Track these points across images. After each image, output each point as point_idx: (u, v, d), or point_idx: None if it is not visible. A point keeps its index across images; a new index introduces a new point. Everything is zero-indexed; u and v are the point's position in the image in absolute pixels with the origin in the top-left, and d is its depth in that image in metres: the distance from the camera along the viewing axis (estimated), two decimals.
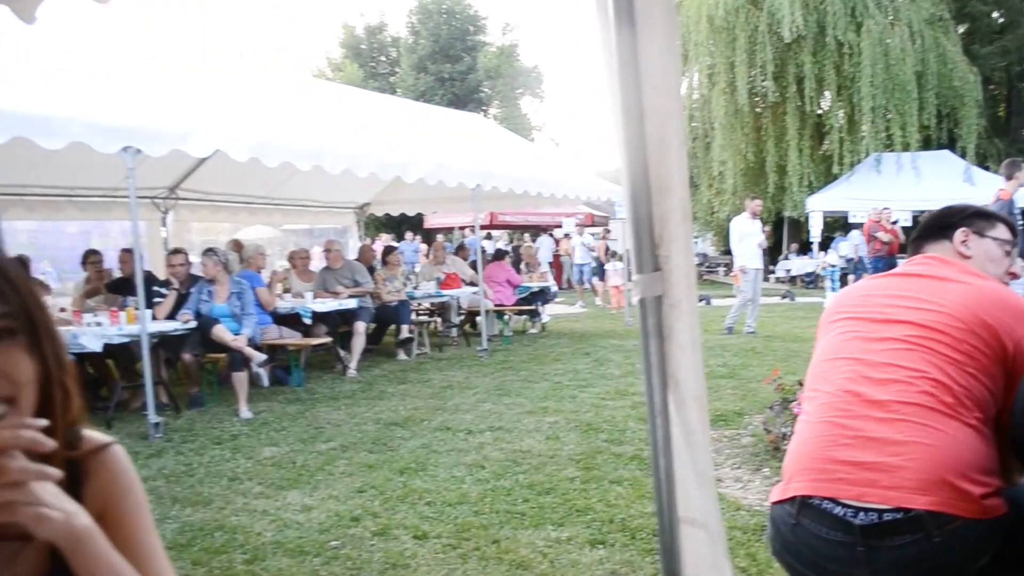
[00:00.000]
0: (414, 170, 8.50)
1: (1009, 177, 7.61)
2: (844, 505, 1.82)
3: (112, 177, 8.74)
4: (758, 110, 23.11)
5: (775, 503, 1.99)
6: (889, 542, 1.77)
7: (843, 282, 16.72)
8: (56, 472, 0.80)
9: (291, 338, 8.35)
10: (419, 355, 9.92)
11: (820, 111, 22.65)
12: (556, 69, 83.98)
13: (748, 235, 11.05)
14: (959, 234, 2.19)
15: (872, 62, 19.99)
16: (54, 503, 0.80)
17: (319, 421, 6.45)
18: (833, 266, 17.34)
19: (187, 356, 7.21)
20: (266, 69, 10.27)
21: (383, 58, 43.20)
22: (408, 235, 22.27)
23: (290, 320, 8.56)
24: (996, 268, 2.17)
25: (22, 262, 8.52)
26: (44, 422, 0.81)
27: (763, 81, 22.06)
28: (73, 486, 0.90)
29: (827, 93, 22.07)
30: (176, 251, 8.30)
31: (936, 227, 2.25)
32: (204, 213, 11.27)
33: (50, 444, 0.80)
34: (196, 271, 8.06)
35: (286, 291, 9.51)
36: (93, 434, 1.02)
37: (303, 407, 7.04)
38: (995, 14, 26.96)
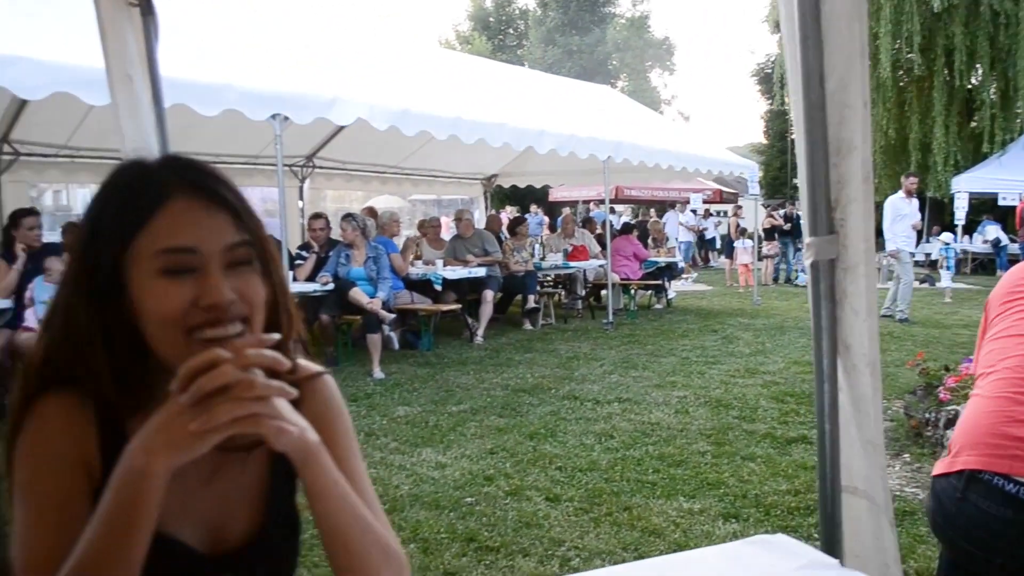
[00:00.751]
0: (547, 141, 8.53)
1: None
2: (1018, 482, 1.74)
3: (254, 145, 9.14)
4: (902, 84, 21.94)
5: (938, 476, 1.93)
6: None
7: (958, 268, 15.88)
8: (292, 390, 0.87)
9: (422, 303, 8.56)
10: (544, 325, 9.99)
11: (970, 85, 21.28)
12: (688, 41, 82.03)
13: (904, 216, 10.40)
14: None
15: None
16: (291, 418, 0.87)
17: (449, 384, 6.61)
18: (947, 244, 16.40)
19: (324, 317, 7.50)
20: (398, 40, 10.41)
21: (511, 31, 43.32)
22: (534, 208, 22.36)
23: (421, 286, 8.78)
24: None
25: None
26: (277, 336, 0.89)
27: (908, 53, 20.88)
28: (292, 406, 0.98)
29: (978, 66, 20.67)
30: (317, 215, 8.61)
31: None
32: (338, 182, 11.64)
33: (287, 363, 0.86)
34: (334, 236, 8.36)
35: (417, 258, 9.75)
36: (306, 362, 1.10)
37: (433, 370, 7.22)
38: None
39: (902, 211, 10.36)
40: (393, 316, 7.62)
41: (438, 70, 9.74)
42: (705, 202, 23.68)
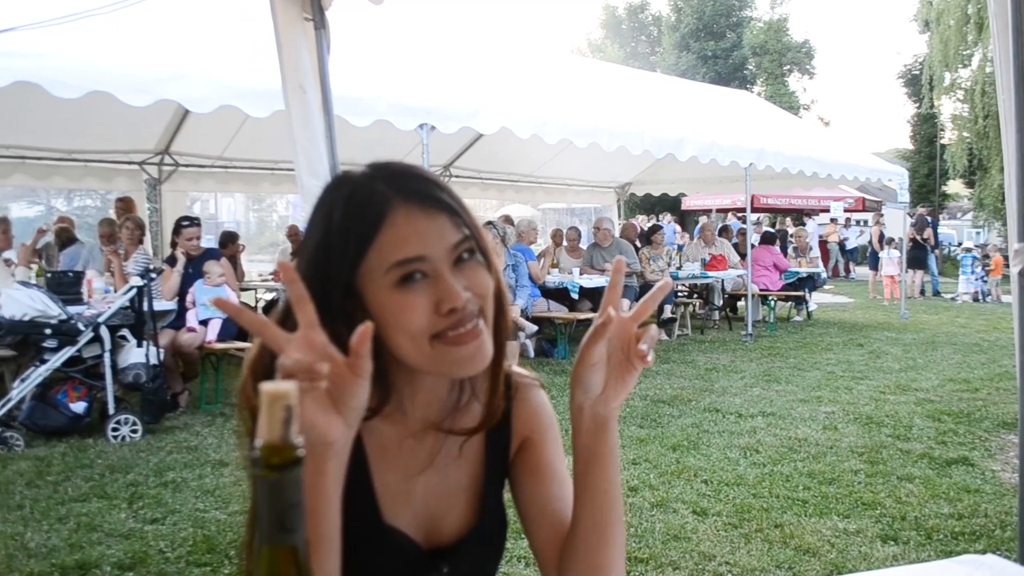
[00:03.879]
0: (687, 148, 8.42)
1: None
2: None
3: (396, 155, 9.39)
4: None
5: None
6: None
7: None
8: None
9: (558, 312, 8.58)
10: (680, 336, 9.84)
11: None
12: (829, 43, 79.33)
13: None
14: None
15: None
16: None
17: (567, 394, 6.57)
18: (968, 250, 15.14)
19: None
20: (534, 49, 10.51)
21: (643, 37, 43.00)
22: (666, 216, 22.11)
23: (557, 294, 8.81)
24: None
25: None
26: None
27: None
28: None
29: None
30: None
31: None
32: (474, 191, 11.82)
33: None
34: None
35: (554, 267, 9.79)
36: (517, 368, 1.12)
37: (567, 379, 7.18)
38: None
39: None
40: (534, 327, 7.66)
41: (574, 78, 9.78)
42: (846, 211, 22.83)
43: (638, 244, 10.94)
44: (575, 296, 8.85)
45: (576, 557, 0.97)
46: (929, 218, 17.06)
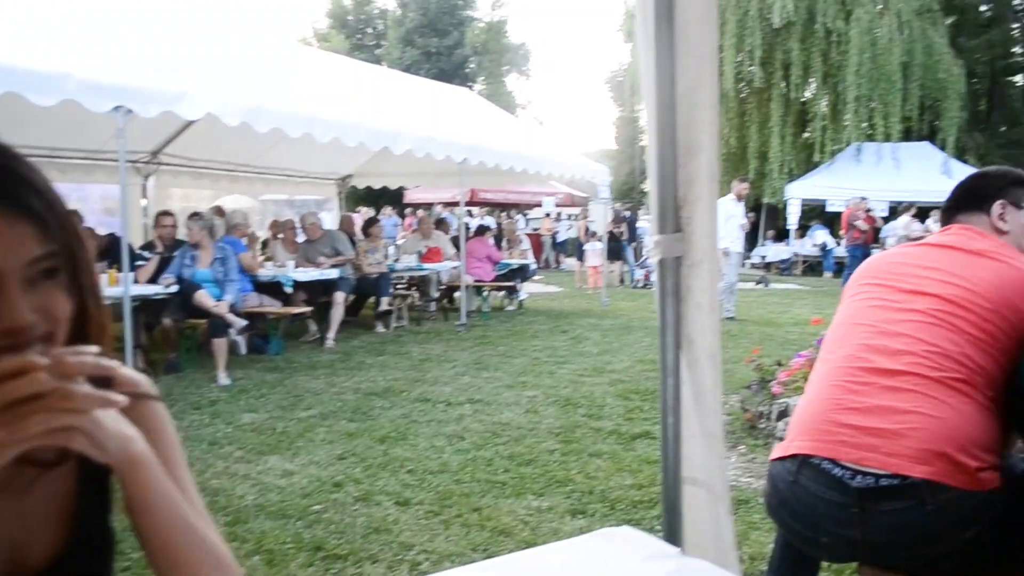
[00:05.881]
0: (403, 141, 8.45)
1: None
2: (843, 467, 1.84)
3: (94, 139, 8.60)
4: (743, 95, 23.18)
5: (775, 460, 2.02)
6: (883, 506, 1.79)
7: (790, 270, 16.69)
8: (121, 398, 0.78)
9: (271, 306, 8.30)
10: (397, 328, 9.89)
11: (804, 99, 22.76)
12: (544, 47, 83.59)
13: (732, 216, 10.98)
14: (997, 207, 2.12)
15: (859, 51, 20.02)
16: (114, 427, 0.79)
17: (298, 389, 6.42)
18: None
19: (167, 321, 7.12)
20: (253, 34, 10.04)
21: (369, 30, 42.82)
22: (387, 209, 22.14)
23: (271, 288, 8.51)
24: None
25: None
26: (94, 348, 0.80)
27: (750, 66, 22.10)
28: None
29: (812, 81, 22.14)
30: (165, 213, 8.20)
31: (973, 196, 2.18)
32: (186, 180, 11.08)
33: (111, 369, 0.79)
34: (179, 236, 7.98)
35: (268, 259, 9.44)
36: (130, 373, 1.01)
37: (281, 375, 7.00)
38: (983, 7, 27.08)
39: (732, 212, 10.93)
40: (244, 322, 7.33)
41: (294, 66, 9.46)
42: (557, 205, 24.18)
43: (358, 236, 10.87)
44: (289, 290, 8.60)
45: None
46: (627, 213, 18.51)
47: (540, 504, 3.86)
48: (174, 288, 7.17)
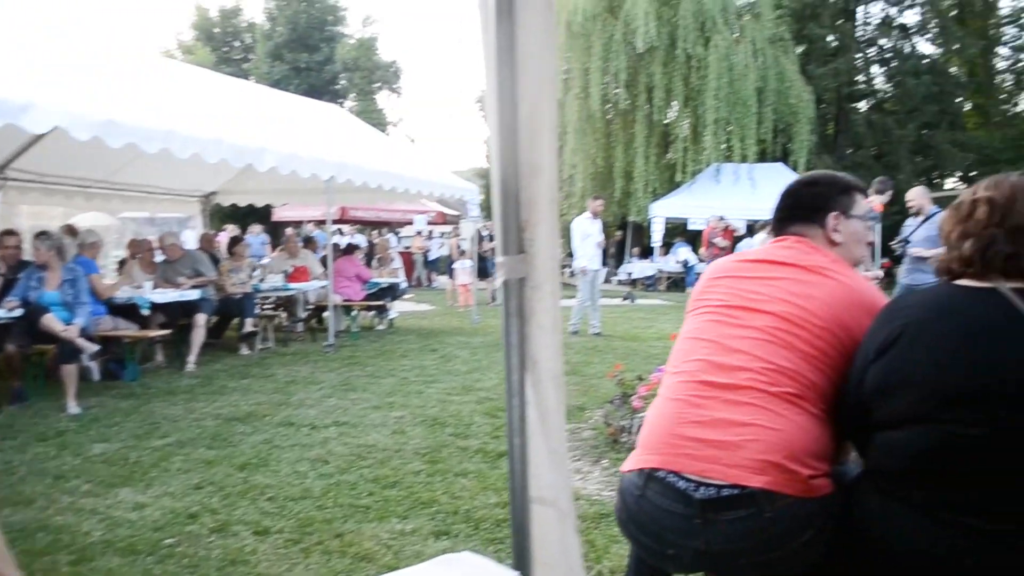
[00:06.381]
0: (267, 158, 8.24)
1: (881, 192, 8.34)
2: (687, 479, 1.90)
3: None
4: (609, 117, 23.86)
5: (625, 472, 2.07)
6: (725, 516, 1.86)
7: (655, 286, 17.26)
8: None
9: (127, 330, 7.91)
10: (263, 350, 9.62)
11: (667, 121, 23.65)
12: (415, 65, 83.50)
13: (589, 236, 11.19)
14: (831, 219, 2.21)
15: (717, 76, 21.03)
16: None
17: (154, 416, 6.14)
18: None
19: (11, 347, 6.66)
20: (111, 44, 9.59)
21: (237, 43, 41.71)
22: (254, 227, 21.54)
23: (127, 311, 8.11)
24: (861, 248, 2.26)
25: None
26: None
27: (615, 89, 22.80)
28: None
29: (674, 103, 23.06)
30: (9, 232, 7.70)
31: (805, 207, 2.26)
32: (35, 196, 10.44)
33: None
34: (26, 256, 7.51)
35: (124, 281, 9.02)
36: None
37: (137, 402, 6.68)
38: (830, 37, 29.01)
39: (588, 231, 11.15)
40: (95, 347, 6.95)
41: (153, 79, 9.07)
42: (430, 223, 24.17)
43: (220, 256, 10.52)
44: (146, 312, 8.22)
45: None
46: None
47: (404, 527, 3.81)
48: (18, 312, 6.74)
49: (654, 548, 2.02)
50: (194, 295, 8.71)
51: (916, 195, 7.94)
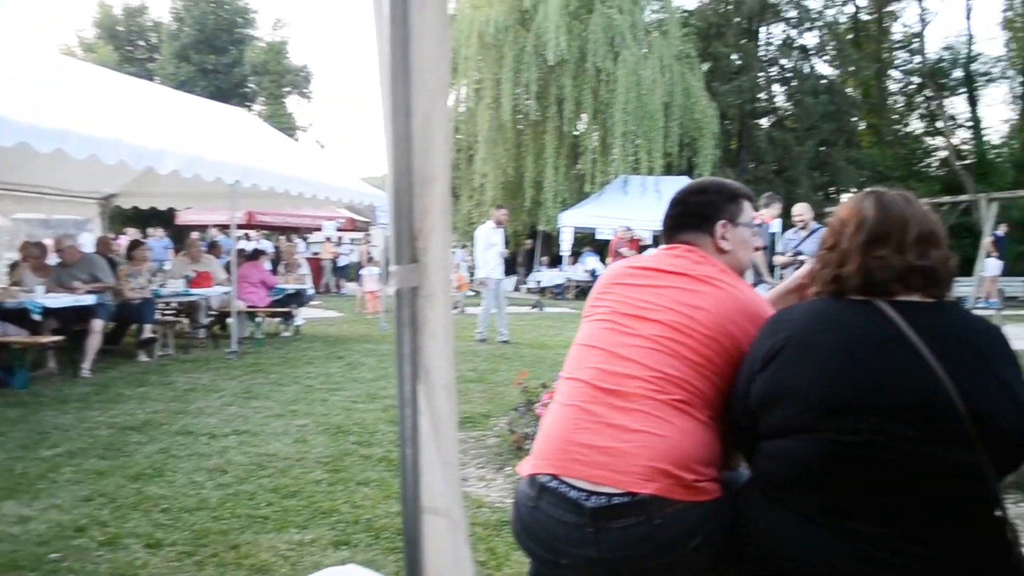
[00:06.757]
0: (169, 161, 8.01)
1: (767, 206, 8.62)
2: (579, 489, 1.93)
3: None
4: (520, 127, 24.06)
5: (520, 480, 2.09)
6: (615, 523, 1.89)
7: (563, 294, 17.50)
8: None
9: (17, 336, 7.57)
10: (162, 356, 9.34)
11: (577, 132, 24.02)
12: (326, 71, 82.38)
13: (492, 245, 11.22)
14: (719, 228, 2.26)
15: (626, 90, 21.46)
16: None
17: (44, 426, 5.89)
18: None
19: None
20: (3, 40, 9.16)
21: (142, 43, 40.37)
22: (156, 231, 20.90)
23: (17, 317, 7.76)
24: (747, 253, 2.32)
25: None
26: None
27: (526, 100, 23.04)
28: None
29: (584, 116, 23.45)
30: None
31: (694, 216, 2.31)
32: None
33: None
34: None
35: (14, 284, 8.63)
36: None
37: (26, 411, 6.40)
38: (734, 56, 30.04)
39: (491, 240, 11.20)
40: None
41: (49, 77, 8.69)
42: (339, 230, 23.90)
43: (119, 260, 10.17)
44: (38, 318, 7.88)
45: None
46: None
47: (303, 537, 3.76)
48: None
49: (548, 558, 2.04)
50: (90, 300, 8.40)
51: (802, 210, 8.34)
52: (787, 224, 9.86)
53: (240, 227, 19.90)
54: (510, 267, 20.80)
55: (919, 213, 1.87)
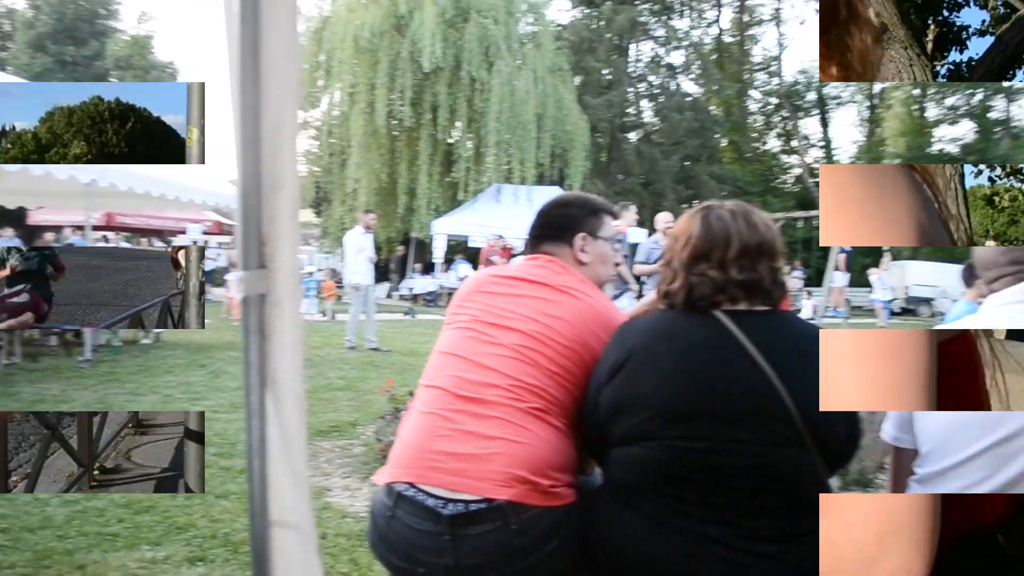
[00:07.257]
0: None
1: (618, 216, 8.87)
2: (436, 496, 1.93)
3: None
4: (394, 133, 23.92)
5: (376, 489, 2.07)
6: (472, 530, 1.90)
7: (436, 302, 17.69)
8: None
9: None
10: (8, 365, 8.77)
11: (451, 140, 24.11)
12: (192, 68, 79.51)
13: (362, 251, 11.06)
14: (579, 240, 2.31)
15: (500, 100, 21.70)
16: None
17: None
18: (311, 274, 18.25)
19: None
20: None
21: None
22: (7, 231, 19.62)
23: None
24: (607, 268, 2.37)
25: None
26: None
27: (401, 106, 22.92)
28: None
29: (458, 124, 23.54)
30: None
31: (556, 227, 2.35)
32: None
33: None
34: None
35: None
36: None
37: None
38: (605, 71, 30.83)
39: (361, 246, 11.06)
40: None
41: None
42: (205, 233, 23.10)
43: None
44: None
45: None
46: None
47: (156, 554, 3.61)
48: None
49: (405, 568, 2.02)
50: None
51: (664, 220, 8.68)
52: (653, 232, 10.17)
53: (98, 228, 18.94)
54: (382, 274, 20.64)
55: (744, 228, 1.94)
